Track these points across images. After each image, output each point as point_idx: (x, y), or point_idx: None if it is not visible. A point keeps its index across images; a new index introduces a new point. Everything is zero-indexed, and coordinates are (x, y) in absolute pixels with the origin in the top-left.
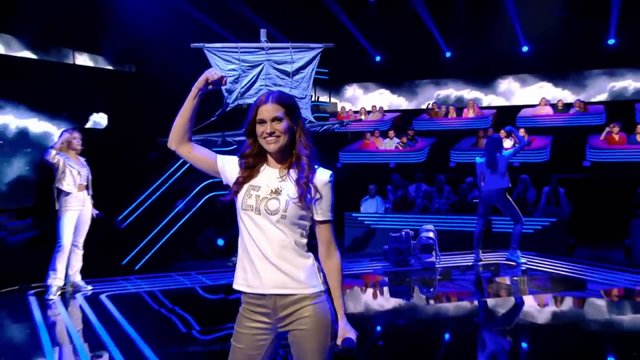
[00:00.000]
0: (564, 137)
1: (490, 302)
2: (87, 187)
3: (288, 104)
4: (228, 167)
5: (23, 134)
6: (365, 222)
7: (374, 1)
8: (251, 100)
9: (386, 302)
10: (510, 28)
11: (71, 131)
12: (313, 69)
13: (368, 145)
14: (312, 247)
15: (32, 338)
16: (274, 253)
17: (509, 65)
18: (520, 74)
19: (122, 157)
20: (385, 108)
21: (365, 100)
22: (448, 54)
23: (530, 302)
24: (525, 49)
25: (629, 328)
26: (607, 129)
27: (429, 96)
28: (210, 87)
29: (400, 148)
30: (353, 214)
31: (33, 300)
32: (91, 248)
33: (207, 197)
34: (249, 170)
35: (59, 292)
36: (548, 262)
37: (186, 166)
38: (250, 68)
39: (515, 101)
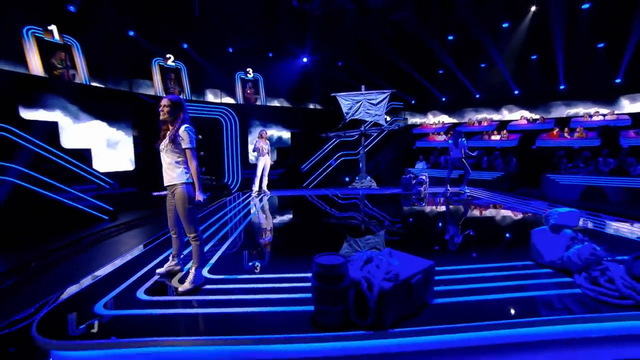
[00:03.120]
0: (527, 134)
1: (450, 208)
2: (268, 153)
3: (173, 102)
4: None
5: (277, 137)
6: (415, 173)
7: (442, 72)
8: (357, 117)
9: (398, 205)
10: (507, 82)
11: (263, 131)
12: (386, 101)
13: (430, 139)
14: None
15: (229, 209)
16: (165, 167)
17: (507, 101)
18: (510, 104)
19: (307, 141)
20: (445, 122)
21: (435, 119)
22: (477, 96)
23: (470, 210)
24: (516, 92)
25: (514, 223)
26: (552, 129)
27: (471, 117)
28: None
29: (445, 139)
30: (410, 169)
31: (244, 195)
32: (284, 179)
33: (340, 159)
34: (162, 136)
35: (254, 194)
36: (488, 193)
37: (335, 143)
38: (356, 103)
39: (508, 118)
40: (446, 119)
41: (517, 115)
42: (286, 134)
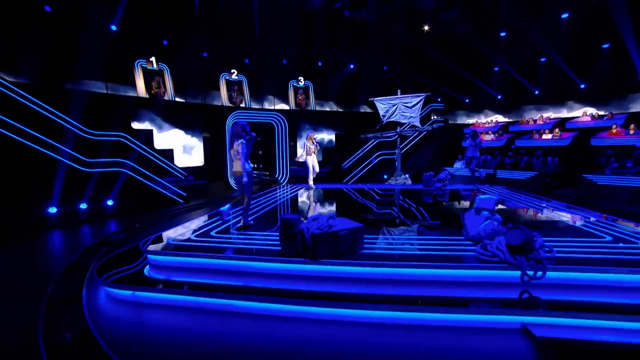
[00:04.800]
0: (585, 133)
1: (451, 201)
2: (314, 152)
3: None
4: None
5: (328, 140)
6: (452, 172)
7: (498, 69)
8: (393, 120)
9: (418, 196)
10: (570, 76)
11: (311, 133)
12: (421, 104)
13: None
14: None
15: (273, 195)
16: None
17: (572, 96)
18: (576, 100)
19: (351, 141)
20: (499, 121)
21: (487, 118)
22: (536, 92)
23: (462, 203)
24: (582, 86)
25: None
26: (612, 127)
27: (531, 115)
28: None
29: (494, 138)
30: (447, 168)
31: (289, 186)
32: (329, 176)
33: (379, 158)
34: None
35: (309, 184)
36: (509, 193)
37: (374, 143)
38: (392, 106)
39: (571, 115)
40: (500, 118)
41: (581, 112)
42: (332, 136)
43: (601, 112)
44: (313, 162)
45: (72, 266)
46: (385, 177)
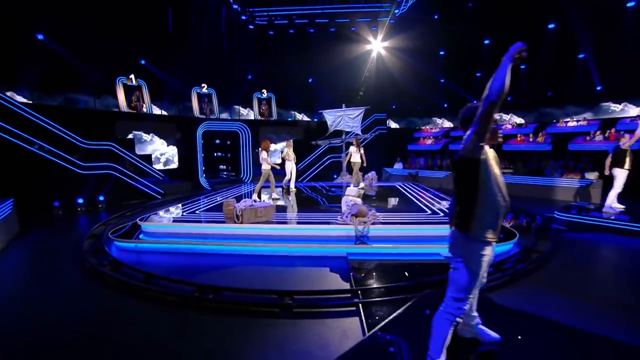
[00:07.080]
0: (504, 138)
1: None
2: (293, 159)
3: None
4: None
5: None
6: (390, 172)
7: (443, 81)
8: (338, 128)
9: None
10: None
11: (290, 140)
12: (362, 116)
13: (420, 143)
14: None
15: (238, 188)
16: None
17: (502, 107)
18: (507, 110)
19: (306, 146)
20: (445, 126)
21: (433, 124)
22: (474, 102)
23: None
24: (509, 98)
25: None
26: (517, 135)
27: None
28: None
29: (432, 143)
30: (386, 168)
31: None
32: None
33: (330, 160)
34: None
35: (284, 186)
36: (420, 187)
37: (325, 148)
38: (338, 117)
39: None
40: (448, 123)
41: (516, 120)
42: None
43: (520, 121)
44: (292, 167)
45: (90, 235)
46: (335, 176)
